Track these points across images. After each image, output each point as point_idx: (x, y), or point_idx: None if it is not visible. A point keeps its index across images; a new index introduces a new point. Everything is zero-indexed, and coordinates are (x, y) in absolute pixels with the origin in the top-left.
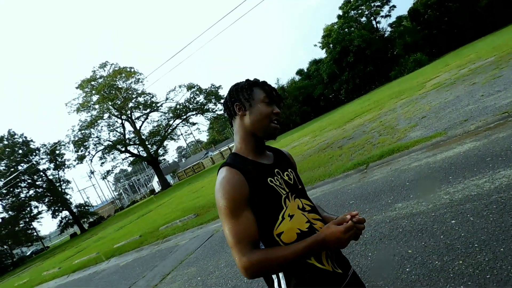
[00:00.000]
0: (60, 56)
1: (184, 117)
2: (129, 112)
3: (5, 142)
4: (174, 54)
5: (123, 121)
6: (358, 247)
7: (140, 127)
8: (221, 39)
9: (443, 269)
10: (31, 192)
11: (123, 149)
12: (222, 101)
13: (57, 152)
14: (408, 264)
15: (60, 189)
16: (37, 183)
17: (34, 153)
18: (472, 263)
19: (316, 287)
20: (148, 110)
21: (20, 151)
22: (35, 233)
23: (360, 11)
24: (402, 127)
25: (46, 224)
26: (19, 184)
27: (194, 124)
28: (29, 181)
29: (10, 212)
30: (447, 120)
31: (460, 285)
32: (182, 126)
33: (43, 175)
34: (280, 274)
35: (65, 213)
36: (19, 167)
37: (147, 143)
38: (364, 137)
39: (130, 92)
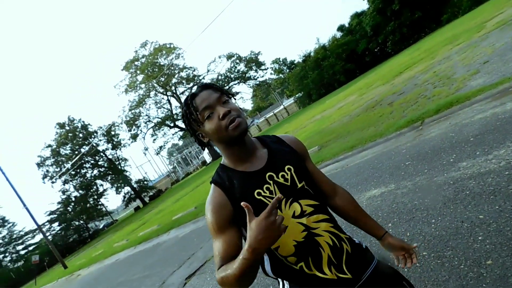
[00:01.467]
0: (103, 39)
1: (227, 87)
2: (173, 88)
3: (67, 128)
4: (210, 22)
5: (169, 97)
6: (419, 213)
7: None
8: (254, 2)
9: None
10: (95, 171)
11: (171, 124)
12: (263, 67)
13: (113, 133)
14: (480, 232)
15: (119, 167)
16: (99, 163)
17: (92, 136)
18: None
19: None
20: (191, 84)
21: (81, 135)
22: (104, 209)
23: None
24: (461, 76)
25: (112, 199)
26: (84, 165)
27: (237, 93)
28: (92, 162)
29: (80, 191)
30: None
31: None
32: None
33: (103, 155)
34: (286, 282)
35: (127, 189)
36: (82, 150)
37: None
38: (417, 91)
39: (172, 68)
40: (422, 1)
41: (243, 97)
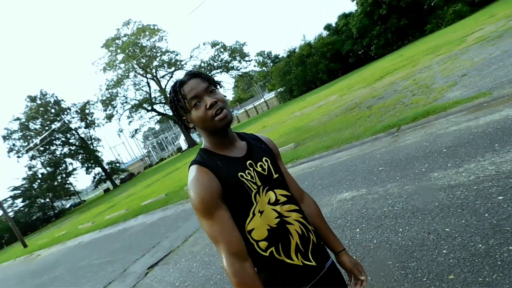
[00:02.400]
0: (85, 15)
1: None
2: (154, 71)
3: (38, 102)
4: (197, 6)
5: (148, 80)
6: (388, 221)
7: (166, 86)
8: None
9: (488, 255)
10: (66, 149)
11: (149, 108)
12: (246, 58)
13: (87, 111)
14: (445, 245)
15: (91, 147)
16: (70, 141)
17: (65, 112)
18: None
19: (285, 283)
20: (173, 69)
21: (53, 110)
22: (72, 188)
23: None
24: (439, 86)
25: (82, 179)
26: (54, 142)
27: (218, 82)
28: (63, 139)
29: (48, 168)
30: (492, 78)
31: (511, 276)
32: None
33: (75, 133)
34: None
35: (98, 169)
36: (53, 126)
37: None
38: (396, 97)
39: (154, 51)
40: (409, 9)
41: (224, 86)
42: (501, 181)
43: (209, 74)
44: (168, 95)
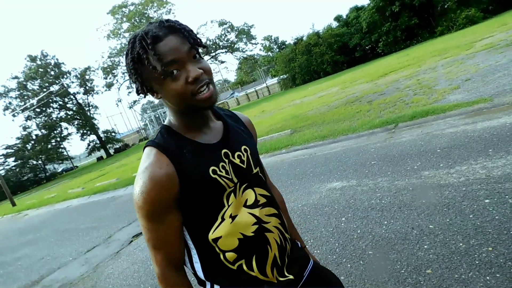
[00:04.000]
0: None
1: (213, 54)
2: None
3: (38, 62)
4: None
5: None
6: (374, 213)
7: None
8: None
9: (467, 253)
10: (62, 113)
11: None
12: (253, 41)
13: (87, 77)
14: (427, 241)
15: (88, 114)
16: (67, 105)
17: (65, 76)
18: (504, 253)
19: None
20: None
21: (52, 73)
22: (65, 153)
23: None
24: (441, 88)
25: (76, 145)
26: (51, 104)
27: (222, 62)
28: (60, 102)
29: (43, 130)
30: (495, 85)
31: (486, 275)
32: (210, 63)
33: (73, 98)
34: (216, 286)
35: (93, 137)
36: (51, 88)
37: None
38: (397, 95)
39: None
40: (422, 9)
41: (227, 67)
42: (490, 185)
43: (214, 53)
44: (128, 49)
